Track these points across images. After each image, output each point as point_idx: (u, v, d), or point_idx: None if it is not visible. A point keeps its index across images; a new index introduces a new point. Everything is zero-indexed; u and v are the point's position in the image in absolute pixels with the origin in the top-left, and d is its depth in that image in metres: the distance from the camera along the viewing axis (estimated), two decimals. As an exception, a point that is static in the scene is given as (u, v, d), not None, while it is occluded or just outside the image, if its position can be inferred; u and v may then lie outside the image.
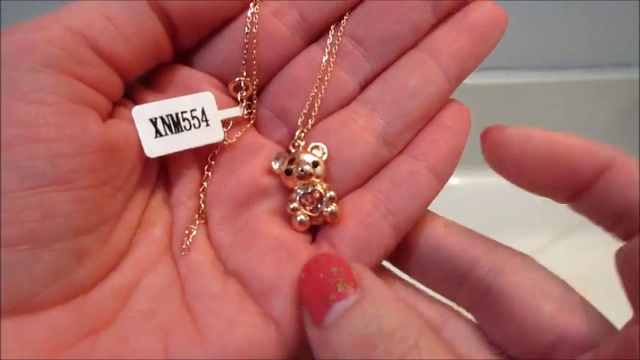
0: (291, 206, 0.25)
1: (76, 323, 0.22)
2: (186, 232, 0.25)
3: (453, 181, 0.32)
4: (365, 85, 0.27)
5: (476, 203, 0.59)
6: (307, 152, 0.25)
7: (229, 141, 0.26)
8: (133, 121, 0.24)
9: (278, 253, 0.25)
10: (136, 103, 0.25)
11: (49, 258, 0.21)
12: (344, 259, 0.22)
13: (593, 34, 0.59)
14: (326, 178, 0.26)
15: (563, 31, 0.59)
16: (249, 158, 0.26)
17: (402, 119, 0.26)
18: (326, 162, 0.26)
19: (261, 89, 0.27)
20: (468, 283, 0.25)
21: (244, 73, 0.26)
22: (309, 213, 0.25)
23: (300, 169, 0.25)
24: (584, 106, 0.62)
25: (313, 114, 0.26)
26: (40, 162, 0.21)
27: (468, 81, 0.26)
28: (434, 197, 0.26)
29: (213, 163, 0.26)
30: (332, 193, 0.25)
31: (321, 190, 0.25)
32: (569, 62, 0.61)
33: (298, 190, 0.25)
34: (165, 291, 0.24)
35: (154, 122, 0.24)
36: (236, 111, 0.26)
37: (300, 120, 0.26)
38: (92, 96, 0.22)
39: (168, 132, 0.25)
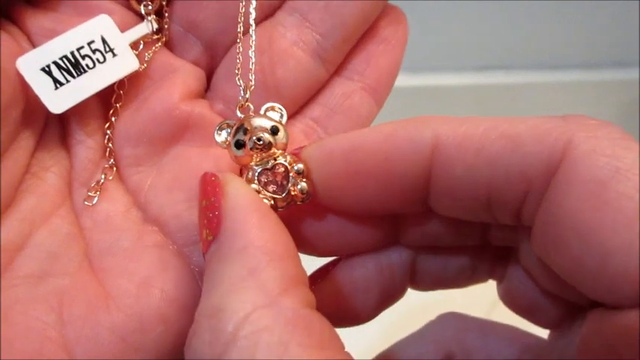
0: None
1: None
2: (93, 177, 0.21)
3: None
4: None
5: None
6: (261, 116, 0.20)
7: (143, 67, 0.21)
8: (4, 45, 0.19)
9: None
10: (16, 23, 0.20)
11: None
12: (216, 184, 0.17)
13: (593, 34, 0.57)
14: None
15: (563, 30, 0.57)
16: (163, 84, 0.21)
17: (338, 30, 0.21)
18: (253, 90, 0.21)
19: (169, 1, 0.22)
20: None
21: (147, -19, 0.21)
22: (274, 195, 0.19)
23: (255, 138, 0.19)
24: (584, 106, 0.60)
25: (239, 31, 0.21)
26: None
27: (468, 81, 0.24)
28: (372, 120, 0.22)
29: (121, 92, 0.21)
30: (300, 165, 0.19)
31: (286, 164, 0.19)
32: (569, 62, 0.58)
33: (255, 167, 0.19)
34: (62, 249, 0.20)
35: (47, 71, 0.19)
36: (142, 29, 0.21)
37: (238, 68, 0.21)
38: None
39: (69, 78, 0.20)
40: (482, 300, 0.30)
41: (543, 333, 0.21)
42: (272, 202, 0.19)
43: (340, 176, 0.18)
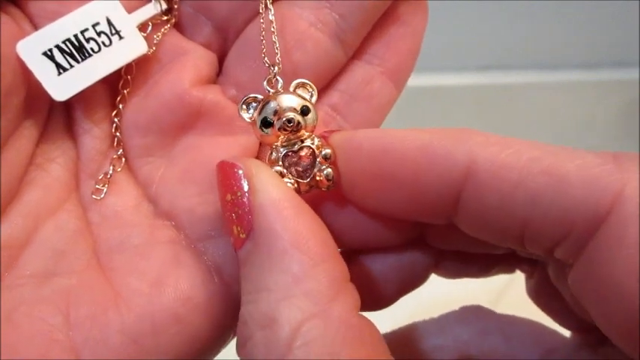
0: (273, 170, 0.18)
1: None
2: (100, 169, 0.20)
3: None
4: None
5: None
6: (290, 93, 0.18)
7: (152, 50, 0.20)
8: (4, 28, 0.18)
9: None
10: (17, 5, 0.19)
11: None
12: (240, 178, 0.16)
13: (593, 34, 0.57)
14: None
15: (563, 30, 0.57)
16: (173, 68, 0.20)
17: (358, 10, 0.20)
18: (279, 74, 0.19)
19: None
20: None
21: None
22: (297, 179, 0.18)
23: (284, 119, 0.18)
24: (584, 106, 0.60)
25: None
26: None
27: (467, 81, 0.24)
28: (392, 106, 0.21)
29: (129, 77, 0.20)
30: (328, 150, 0.18)
31: (313, 147, 0.18)
32: (568, 62, 0.58)
33: (280, 148, 0.18)
34: (69, 246, 0.18)
35: (50, 56, 0.18)
36: (150, 9, 0.20)
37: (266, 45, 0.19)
38: None
39: (72, 63, 0.19)
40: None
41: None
42: (295, 185, 0.18)
43: (365, 174, 0.17)
